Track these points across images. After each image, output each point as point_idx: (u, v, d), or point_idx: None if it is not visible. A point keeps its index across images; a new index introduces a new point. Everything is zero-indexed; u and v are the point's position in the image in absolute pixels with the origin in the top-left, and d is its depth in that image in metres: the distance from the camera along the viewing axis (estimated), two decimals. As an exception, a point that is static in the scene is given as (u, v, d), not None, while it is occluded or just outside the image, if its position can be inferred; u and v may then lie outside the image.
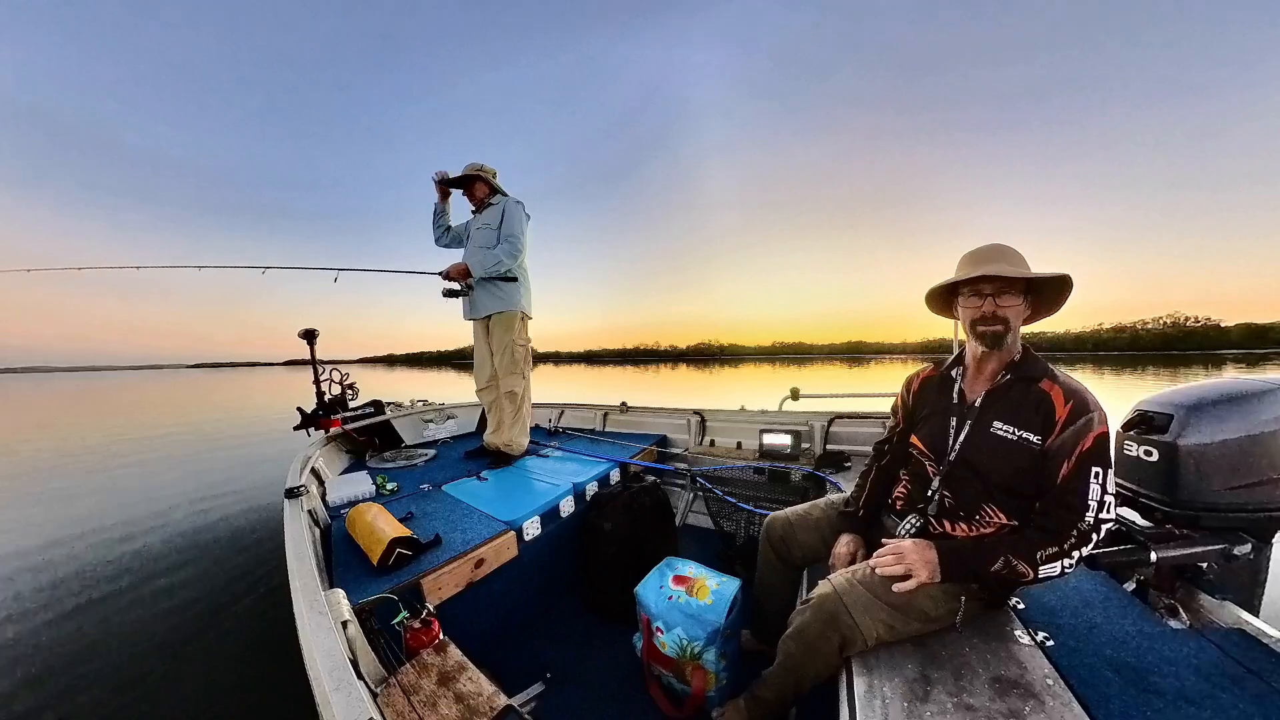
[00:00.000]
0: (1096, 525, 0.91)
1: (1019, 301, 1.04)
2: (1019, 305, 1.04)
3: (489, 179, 2.64)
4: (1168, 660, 0.95)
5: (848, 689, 0.92)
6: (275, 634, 2.18)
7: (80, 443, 8.11)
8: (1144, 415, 1.25)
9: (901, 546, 1.04)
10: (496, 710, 0.84)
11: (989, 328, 1.05)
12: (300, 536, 1.30)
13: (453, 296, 2.66)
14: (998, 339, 1.05)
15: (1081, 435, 0.93)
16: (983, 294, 1.05)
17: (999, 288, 1.03)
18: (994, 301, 1.04)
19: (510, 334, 2.59)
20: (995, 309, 1.04)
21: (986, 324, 1.05)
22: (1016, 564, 0.93)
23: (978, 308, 1.06)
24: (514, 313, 2.58)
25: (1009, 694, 0.84)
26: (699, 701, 1.33)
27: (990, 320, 1.05)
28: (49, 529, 3.67)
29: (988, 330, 1.05)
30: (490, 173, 2.65)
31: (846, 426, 2.61)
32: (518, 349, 2.62)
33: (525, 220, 2.55)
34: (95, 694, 1.82)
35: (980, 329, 1.06)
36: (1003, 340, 1.05)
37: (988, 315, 1.05)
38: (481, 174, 2.62)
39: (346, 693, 0.73)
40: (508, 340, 2.59)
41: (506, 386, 2.63)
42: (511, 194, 2.66)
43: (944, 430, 1.14)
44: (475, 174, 2.62)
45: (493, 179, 2.65)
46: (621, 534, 1.84)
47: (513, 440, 2.62)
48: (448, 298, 2.67)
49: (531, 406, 2.78)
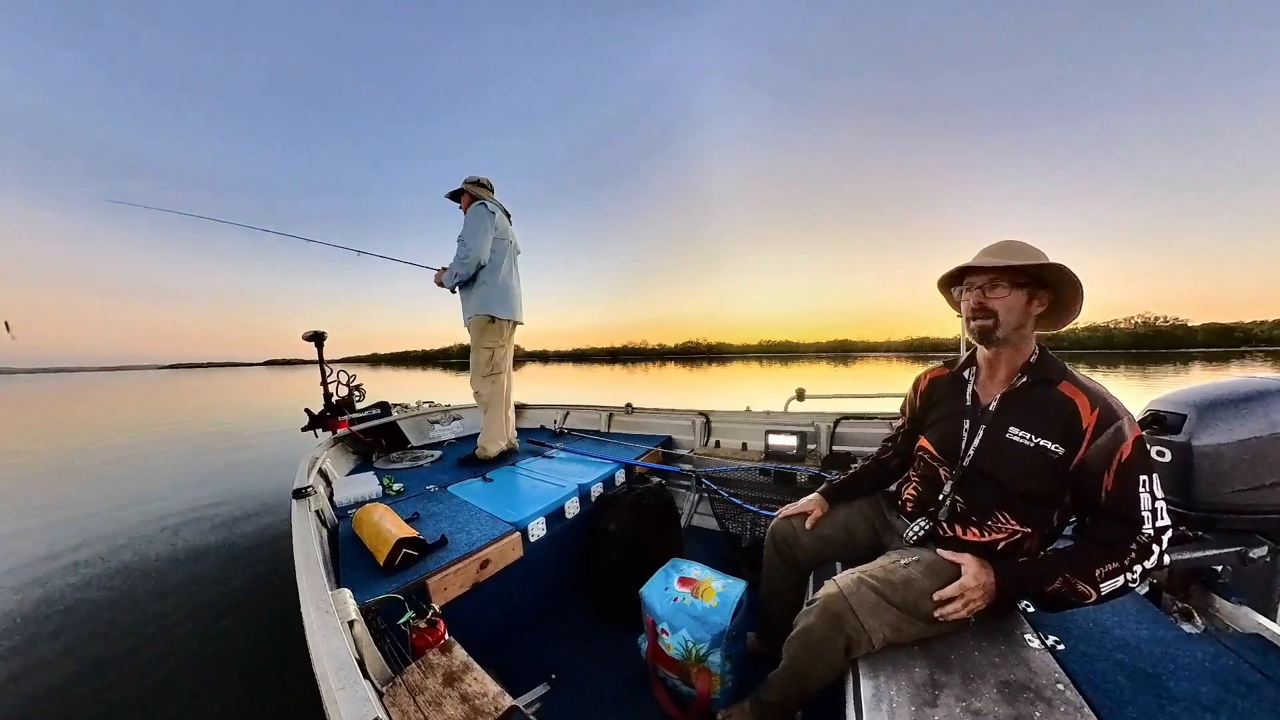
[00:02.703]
0: (1157, 536, 0.86)
1: (1009, 294, 0.99)
2: (1009, 298, 1.00)
3: (470, 190, 2.69)
4: (1181, 665, 0.93)
5: (854, 692, 0.91)
6: (282, 633, 2.20)
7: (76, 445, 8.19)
8: (1157, 415, 1.23)
9: (964, 583, 0.95)
10: (501, 711, 0.84)
11: (976, 321, 1.03)
12: (308, 536, 1.31)
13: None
14: (985, 333, 1.02)
15: (1118, 443, 0.89)
16: (973, 286, 1.03)
17: (989, 280, 1.00)
18: (982, 293, 1.02)
19: (479, 337, 2.63)
20: (982, 301, 1.02)
21: (974, 317, 1.03)
22: (1076, 583, 0.89)
23: (968, 302, 1.04)
24: (481, 316, 2.61)
25: (1018, 698, 0.82)
26: (704, 704, 1.32)
27: (978, 313, 1.02)
28: (52, 535, 3.70)
29: (976, 324, 1.03)
30: (477, 183, 2.71)
31: (853, 427, 2.59)
32: (482, 352, 2.65)
33: (486, 220, 2.54)
34: (102, 691, 1.85)
35: (971, 324, 1.04)
36: (991, 335, 1.02)
37: (975, 308, 1.03)
38: (464, 187, 2.70)
39: (352, 692, 0.73)
40: (475, 344, 2.65)
41: (473, 390, 2.69)
42: (499, 197, 2.73)
43: (956, 434, 1.11)
44: (460, 189, 2.71)
45: (477, 188, 2.70)
46: (626, 535, 1.84)
47: (484, 446, 2.64)
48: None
49: (517, 408, 2.80)
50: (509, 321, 2.71)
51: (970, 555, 1.00)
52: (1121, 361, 56.23)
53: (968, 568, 0.97)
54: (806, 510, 1.38)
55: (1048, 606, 0.97)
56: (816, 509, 1.37)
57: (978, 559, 0.99)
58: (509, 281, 2.69)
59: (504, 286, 2.66)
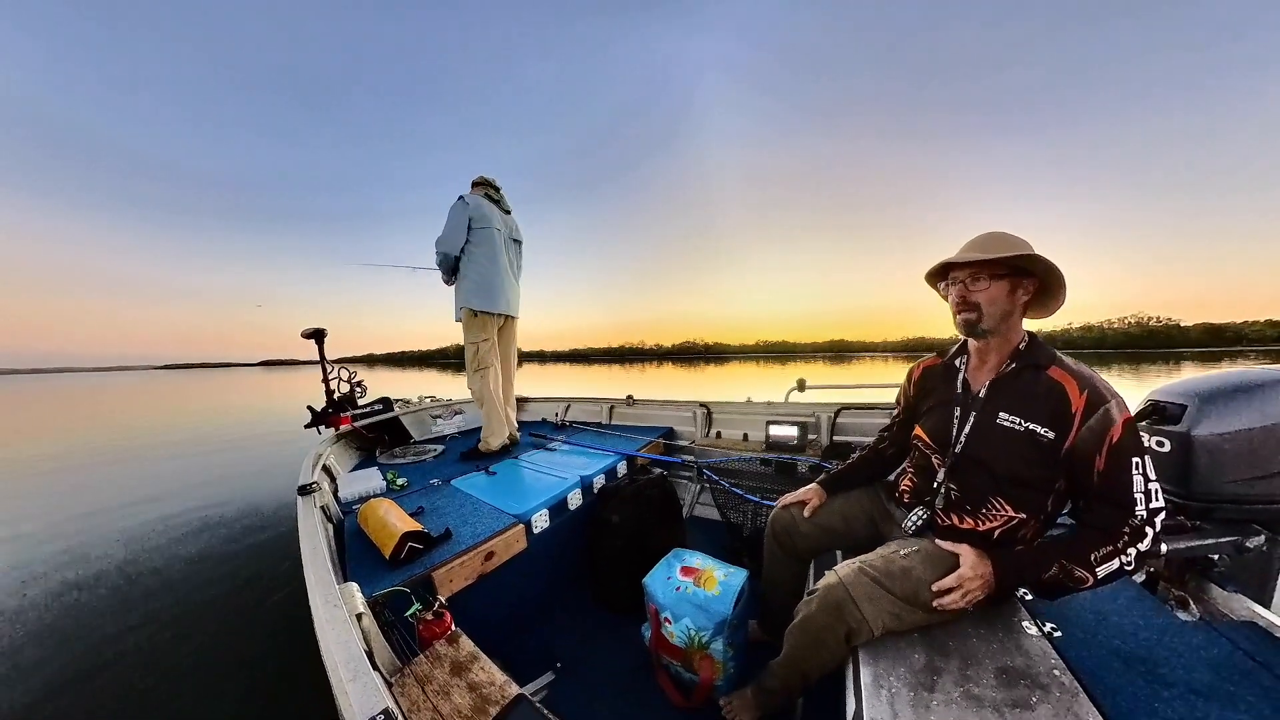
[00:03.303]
0: (1150, 518, 0.87)
1: (989, 286, 1.00)
2: (991, 289, 1.00)
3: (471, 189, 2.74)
4: (1177, 653, 0.95)
5: (854, 679, 0.92)
6: (292, 627, 2.23)
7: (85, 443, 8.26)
8: (1157, 406, 1.23)
9: (962, 574, 0.97)
10: (508, 699, 0.86)
11: (961, 314, 1.04)
12: (314, 532, 1.32)
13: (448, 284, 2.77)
14: (971, 325, 1.04)
15: (1107, 426, 0.89)
16: (957, 281, 1.04)
17: (971, 274, 1.01)
18: (964, 287, 1.02)
19: (465, 332, 2.66)
20: (966, 294, 1.02)
21: (960, 310, 1.04)
22: (1072, 568, 0.90)
23: (953, 295, 1.06)
24: (465, 311, 2.63)
25: (1016, 684, 0.84)
26: (707, 691, 1.35)
27: (962, 306, 1.03)
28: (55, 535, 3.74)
29: (960, 318, 1.05)
30: (475, 181, 2.75)
31: (854, 418, 2.59)
32: (468, 347, 2.67)
33: (458, 213, 2.55)
34: (114, 684, 1.88)
35: (956, 317, 1.06)
36: (977, 327, 1.03)
37: (959, 301, 1.04)
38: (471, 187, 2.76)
39: (363, 683, 0.75)
40: (465, 339, 2.67)
41: (468, 385, 2.72)
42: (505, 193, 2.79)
43: (948, 421, 1.12)
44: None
45: (475, 186, 2.74)
46: (629, 526, 1.86)
47: (485, 440, 2.66)
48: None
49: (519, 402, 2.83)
50: (494, 315, 2.66)
51: (968, 546, 1.01)
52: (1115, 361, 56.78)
53: (965, 558, 0.98)
54: (804, 499, 1.40)
55: (1046, 594, 0.98)
56: (814, 498, 1.39)
57: (975, 549, 1.00)
58: (492, 273, 2.63)
59: (485, 279, 2.61)
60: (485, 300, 2.62)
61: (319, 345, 2.71)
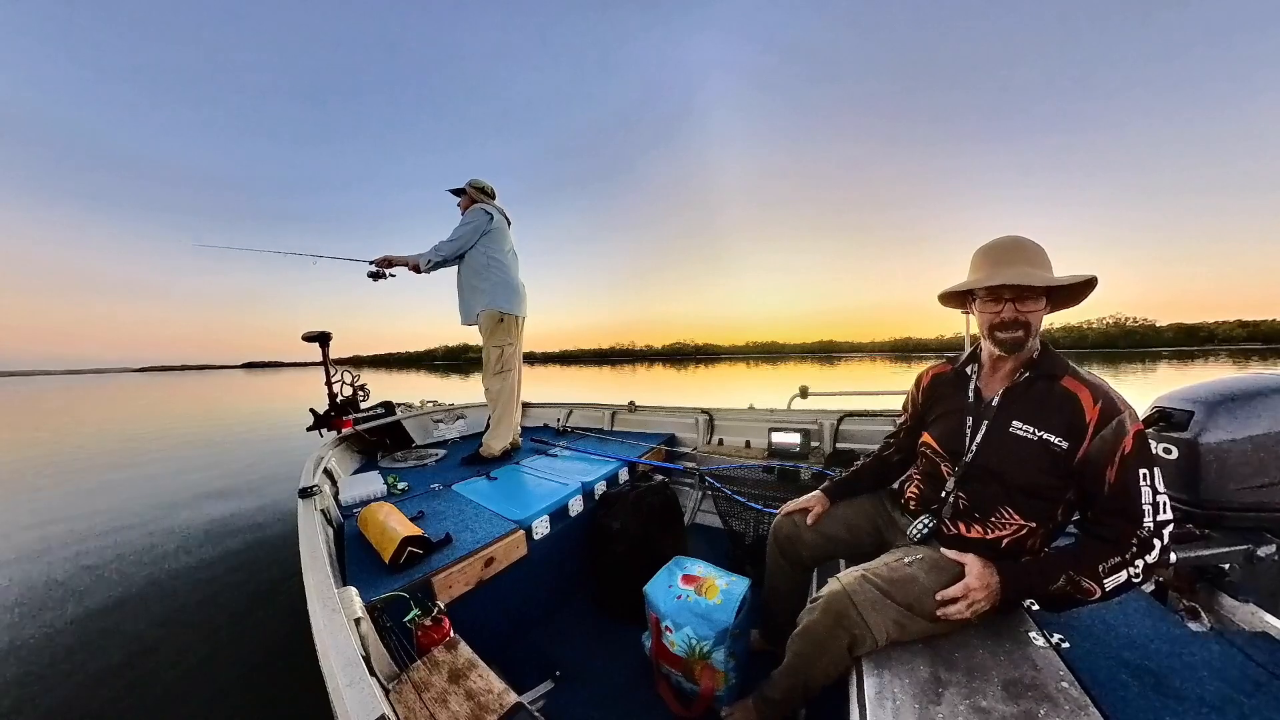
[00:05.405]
0: (1158, 530, 0.86)
1: (1042, 305, 0.98)
2: (1042, 309, 0.98)
3: (473, 193, 2.76)
4: (1187, 664, 0.93)
5: (858, 690, 0.91)
6: (290, 630, 2.22)
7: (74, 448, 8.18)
8: (1163, 412, 1.22)
9: (968, 584, 0.95)
10: (506, 707, 0.85)
11: (1009, 334, 0.99)
12: (314, 535, 1.32)
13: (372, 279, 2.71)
14: (1018, 345, 1.00)
15: (1120, 437, 0.88)
16: (1002, 298, 0.99)
17: (1020, 291, 0.97)
18: (1014, 307, 0.97)
19: (489, 335, 2.68)
20: (1016, 315, 0.98)
21: (1007, 330, 1.00)
22: (1080, 580, 0.88)
23: (996, 313, 1.00)
24: (491, 313, 2.65)
25: (1023, 697, 0.82)
26: (708, 701, 1.33)
27: (1011, 326, 0.99)
28: (57, 538, 3.76)
29: (1008, 337, 1.00)
30: (480, 189, 2.76)
31: (857, 425, 2.58)
32: (492, 350, 2.69)
33: (482, 221, 2.62)
34: (111, 687, 1.87)
35: (1000, 335, 1.01)
36: (1024, 345, 1.00)
37: (1008, 321, 0.99)
38: (467, 188, 2.77)
39: (359, 688, 0.74)
40: (486, 342, 2.70)
41: (484, 387, 2.75)
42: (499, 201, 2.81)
43: (959, 430, 1.11)
44: (462, 188, 2.77)
45: (479, 193, 2.76)
46: (630, 533, 1.84)
47: (489, 443, 2.66)
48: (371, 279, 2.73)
49: (522, 407, 2.83)
50: (517, 318, 2.75)
51: (974, 555, 1.00)
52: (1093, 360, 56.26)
53: (971, 568, 0.97)
54: (807, 507, 1.39)
55: (1052, 607, 0.97)
56: (817, 505, 1.38)
57: (981, 559, 0.98)
58: (513, 277, 2.74)
59: (512, 284, 2.72)
60: (511, 303, 2.69)
61: (323, 349, 2.73)
